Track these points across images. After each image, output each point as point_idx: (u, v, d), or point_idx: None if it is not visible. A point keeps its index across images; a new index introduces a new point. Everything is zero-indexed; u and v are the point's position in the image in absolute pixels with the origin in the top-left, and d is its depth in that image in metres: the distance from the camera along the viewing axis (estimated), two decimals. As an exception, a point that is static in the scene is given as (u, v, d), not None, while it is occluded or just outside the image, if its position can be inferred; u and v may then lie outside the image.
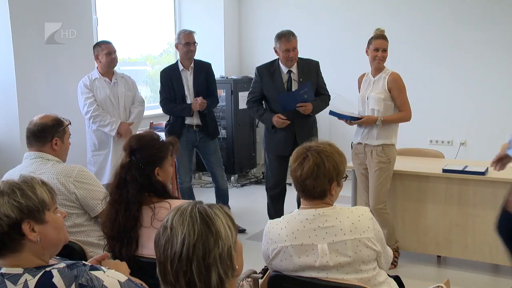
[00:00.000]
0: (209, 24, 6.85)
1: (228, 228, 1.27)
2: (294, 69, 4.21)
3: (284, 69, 4.22)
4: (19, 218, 1.48)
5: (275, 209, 4.38)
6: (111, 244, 2.23)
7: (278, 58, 4.24)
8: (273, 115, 4.17)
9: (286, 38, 4.10)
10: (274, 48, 4.21)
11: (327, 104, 4.35)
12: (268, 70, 4.28)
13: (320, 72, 4.32)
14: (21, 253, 1.50)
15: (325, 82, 4.37)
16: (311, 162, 2.03)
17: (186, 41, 4.53)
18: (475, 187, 3.73)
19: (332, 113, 3.96)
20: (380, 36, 3.80)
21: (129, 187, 2.21)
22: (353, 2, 6.44)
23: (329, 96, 4.37)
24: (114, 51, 4.33)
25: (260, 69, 4.34)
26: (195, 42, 4.58)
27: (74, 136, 2.89)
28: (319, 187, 2.04)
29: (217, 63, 6.07)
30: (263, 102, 4.38)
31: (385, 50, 3.77)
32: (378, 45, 3.77)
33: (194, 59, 4.64)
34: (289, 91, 4.18)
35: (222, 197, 4.83)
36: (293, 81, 4.23)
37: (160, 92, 4.68)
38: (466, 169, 3.77)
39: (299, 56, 4.24)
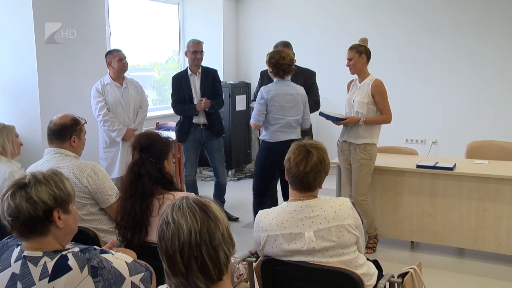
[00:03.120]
0: (209, 34, 6.84)
1: (221, 212, 1.27)
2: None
3: None
4: (52, 205, 1.50)
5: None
6: (124, 233, 2.23)
7: None
8: None
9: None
10: None
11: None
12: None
13: (315, 80, 4.30)
14: (46, 237, 1.52)
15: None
16: (315, 157, 2.04)
17: (194, 50, 4.55)
18: (444, 181, 3.76)
19: (321, 114, 3.98)
20: (349, 47, 3.82)
21: (144, 180, 2.21)
22: (339, 16, 6.45)
23: (316, 102, 4.29)
24: (125, 57, 4.32)
25: (262, 74, 4.38)
26: (202, 51, 4.59)
27: (87, 134, 2.89)
28: (318, 179, 2.06)
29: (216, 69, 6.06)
30: None
31: (350, 59, 3.78)
32: (347, 55, 3.80)
33: (202, 66, 4.64)
34: None
35: (220, 190, 4.82)
36: None
37: (172, 95, 4.68)
38: (437, 165, 3.80)
39: (298, 65, 4.24)
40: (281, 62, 3.69)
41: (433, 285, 3.24)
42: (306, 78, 4.24)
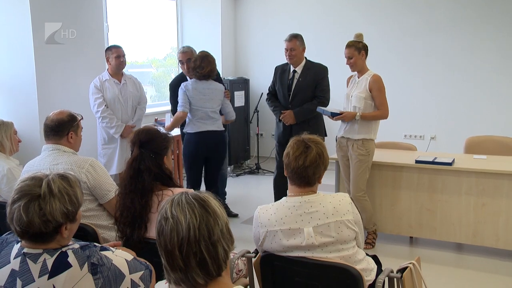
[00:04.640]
0: (207, 31, 6.83)
1: (220, 207, 1.27)
2: (298, 69, 4.19)
3: (291, 68, 4.22)
4: (63, 222, 1.49)
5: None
6: (123, 229, 2.22)
7: None
8: (279, 110, 4.24)
9: (286, 39, 4.16)
10: None
11: (315, 107, 4.15)
12: (282, 68, 4.32)
13: (326, 76, 4.21)
14: (49, 243, 1.51)
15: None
16: (314, 151, 2.04)
17: (180, 59, 4.45)
18: (443, 176, 3.76)
19: (318, 109, 3.98)
20: (347, 45, 3.79)
21: (144, 176, 2.20)
22: (336, 12, 6.44)
23: (322, 99, 4.16)
24: (123, 55, 4.30)
25: (277, 67, 4.38)
26: (189, 59, 4.24)
27: (86, 131, 2.88)
28: (317, 173, 2.05)
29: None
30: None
31: (350, 58, 3.76)
32: (345, 54, 3.79)
33: None
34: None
35: (222, 181, 4.79)
36: (294, 79, 4.20)
37: (172, 103, 4.44)
38: (436, 160, 3.80)
39: (310, 60, 4.23)
40: (197, 70, 3.92)
41: (432, 280, 3.25)
42: (316, 73, 4.17)
